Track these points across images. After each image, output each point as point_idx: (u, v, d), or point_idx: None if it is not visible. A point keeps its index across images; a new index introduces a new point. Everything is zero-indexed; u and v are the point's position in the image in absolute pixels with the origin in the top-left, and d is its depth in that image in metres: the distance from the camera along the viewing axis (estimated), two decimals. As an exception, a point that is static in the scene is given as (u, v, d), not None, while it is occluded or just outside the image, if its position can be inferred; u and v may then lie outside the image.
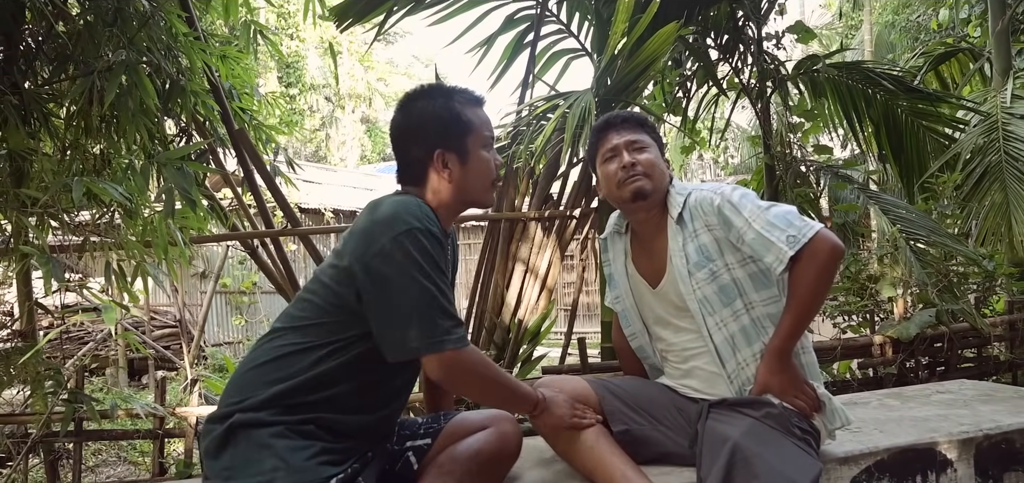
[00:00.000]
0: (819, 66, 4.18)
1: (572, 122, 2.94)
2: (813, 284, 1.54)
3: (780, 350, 1.58)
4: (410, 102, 1.53)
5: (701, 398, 1.68)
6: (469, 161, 1.49)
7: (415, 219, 1.36)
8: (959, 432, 1.85)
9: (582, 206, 3.68)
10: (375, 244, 1.34)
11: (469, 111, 1.52)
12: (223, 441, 1.34)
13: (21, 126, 2.75)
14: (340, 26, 3.35)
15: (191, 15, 3.38)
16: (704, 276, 1.65)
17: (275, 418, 1.35)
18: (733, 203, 1.62)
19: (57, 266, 2.17)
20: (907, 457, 1.77)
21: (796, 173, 4.06)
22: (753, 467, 1.44)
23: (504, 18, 3.79)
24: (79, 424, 2.55)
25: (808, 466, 1.48)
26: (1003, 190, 4.06)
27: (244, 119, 3.88)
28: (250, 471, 1.29)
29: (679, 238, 1.69)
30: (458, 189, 1.50)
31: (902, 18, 11.93)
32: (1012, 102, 4.35)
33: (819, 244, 1.52)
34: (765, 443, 1.48)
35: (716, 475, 1.46)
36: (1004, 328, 3.48)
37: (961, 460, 1.83)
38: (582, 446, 1.59)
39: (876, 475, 1.74)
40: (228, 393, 1.41)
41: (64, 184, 2.36)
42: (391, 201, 1.43)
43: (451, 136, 1.48)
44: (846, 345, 3.09)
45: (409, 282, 1.32)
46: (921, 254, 3.42)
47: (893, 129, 4.33)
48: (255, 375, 1.40)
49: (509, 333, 3.64)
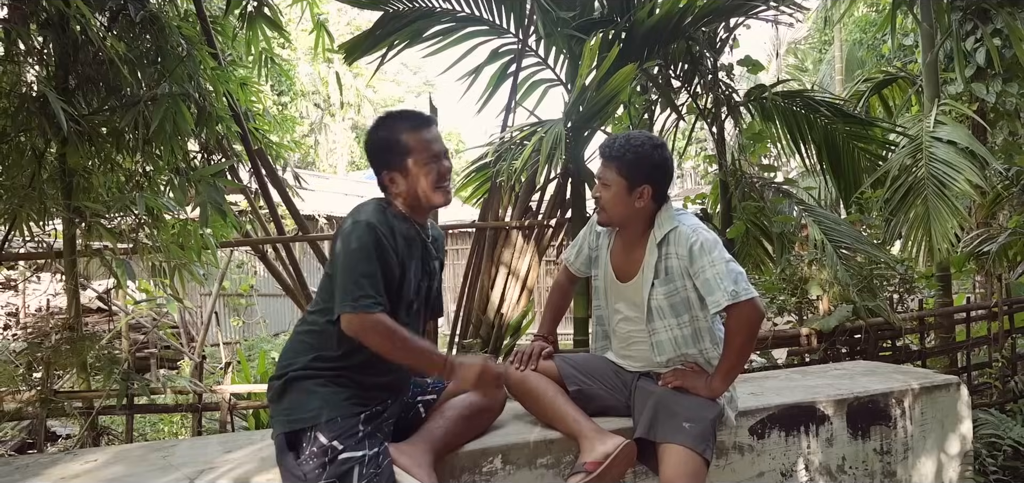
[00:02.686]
0: (767, 94, 4.76)
1: (546, 145, 3.48)
2: (743, 342, 2.00)
3: (715, 390, 2.05)
4: (369, 132, 2.03)
5: (634, 370, 2.23)
6: (409, 176, 1.94)
7: (364, 216, 1.85)
8: (836, 395, 2.41)
9: (557, 216, 4.23)
10: (340, 233, 1.87)
11: (409, 135, 1.95)
12: (282, 391, 1.86)
13: (79, 147, 3.24)
14: (349, 61, 3.87)
15: (216, 50, 3.88)
16: (663, 291, 2.11)
17: (316, 373, 1.87)
18: (704, 247, 2.02)
19: (128, 266, 2.67)
20: (792, 412, 2.32)
21: (745, 187, 4.63)
22: (671, 408, 2.00)
23: (490, 51, 4.32)
24: (131, 399, 3.05)
25: (711, 407, 2.03)
26: (924, 204, 4.65)
27: (259, 138, 4.38)
28: (303, 409, 1.81)
29: (654, 256, 2.13)
30: (408, 197, 1.96)
31: (868, 36, 12.69)
32: (935, 126, 4.95)
33: (748, 309, 1.95)
34: (678, 397, 2.04)
35: (645, 417, 2.02)
36: (915, 323, 4.06)
37: (836, 416, 2.39)
38: (545, 400, 2.13)
39: (768, 425, 2.29)
40: (283, 358, 1.93)
41: (129, 198, 2.84)
42: (360, 204, 1.93)
43: (392, 159, 1.95)
44: (777, 335, 3.65)
45: (343, 258, 1.81)
46: (846, 259, 3.99)
47: (832, 149, 4.92)
48: (299, 345, 1.93)
49: (493, 327, 4.16)
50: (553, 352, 2.27)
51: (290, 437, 1.81)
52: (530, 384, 2.15)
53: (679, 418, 1.99)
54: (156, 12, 3.44)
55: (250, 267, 10.13)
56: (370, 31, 3.93)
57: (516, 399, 2.22)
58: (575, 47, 4.07)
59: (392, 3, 3.89)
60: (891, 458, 2.46)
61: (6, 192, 3.28)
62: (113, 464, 1.95)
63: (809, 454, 2.34)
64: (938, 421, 2.54)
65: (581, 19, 3.99)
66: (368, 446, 1.79)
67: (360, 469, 1.74)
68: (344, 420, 1.80)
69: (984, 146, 6.57)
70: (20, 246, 3.89)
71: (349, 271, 1.79)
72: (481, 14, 4.04)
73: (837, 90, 12.08)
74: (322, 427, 1.78)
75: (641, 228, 2.16)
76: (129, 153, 3.55)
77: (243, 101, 4.28)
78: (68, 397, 2.99)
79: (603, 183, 2.13)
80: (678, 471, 1.89)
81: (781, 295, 3.83)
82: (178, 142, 3.44)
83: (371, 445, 1.79)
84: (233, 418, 3.12)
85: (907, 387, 2.50)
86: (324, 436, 1.77)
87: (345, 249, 1.82)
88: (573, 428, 2.04)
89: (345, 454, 1.75)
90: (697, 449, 1.92)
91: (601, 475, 1.90)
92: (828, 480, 2.37)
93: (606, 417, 2.18)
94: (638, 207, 2.11)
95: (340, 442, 1.77)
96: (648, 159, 2.10)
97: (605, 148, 2.15)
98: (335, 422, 1.79)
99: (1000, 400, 4.10)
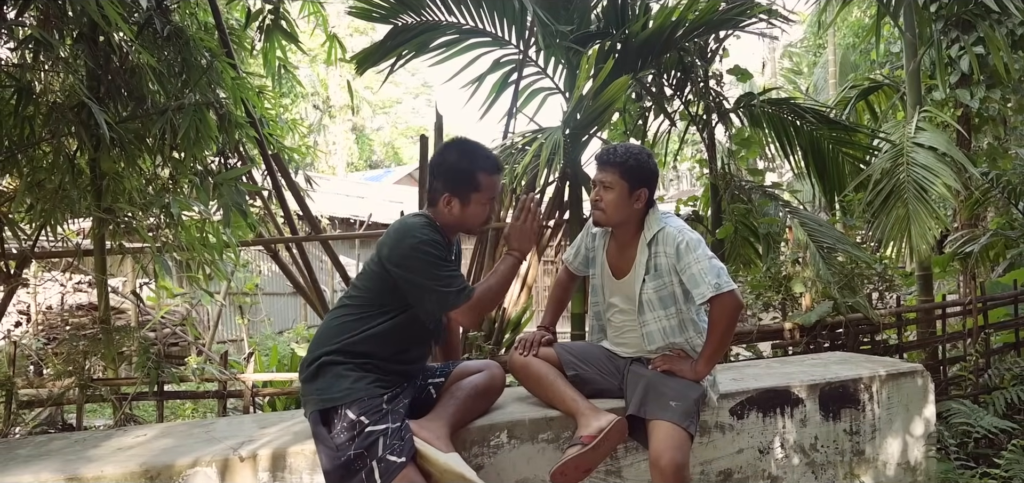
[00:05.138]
0: (755, 101, 5.01)
1: (546, 151, 3.72)
2: (724, 329, 2.25)
3: (699, 372, 2.29)
4: (448, 150, 2.28)
5: (627, 356, 2.47)
6: (468, 208, 2.22)
7: (420, 231, 2.11)
8: (809, 380, 2.66)
9: (556, 218, 4.47)
10: (397, 250, 2.11)
11: (482, 176, 2.21)
12: (315, 373, 2.11)
13: (110, 152, 3.48)
14: (360, 71, 4.11)
15: (234, 61, 4.12)
16: (653, 286, 2.37)
17: (346, 359, 2.11)
18: (689, 246, 2.27)
19: (164, 261, 2.91)
20: (769, 395, 2.57)
21: (734, 190, 4.88)
22: (659, 389, 2.24)
23: (492, 61, 4.56)
24: (161, 386, 3.29)
25: (695, 388, 2.28)
26: (905, 206, 4.90)
27: (274, 143, 4.62)
28: (333, 390, 2.06)
29: (645, 255, 2.39)
30: (455, 221, 2.24)
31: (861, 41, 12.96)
32: (916, 132, 5.20)
33: (729, 299, 2.20)
34: (665, 379, 2.29)
35: (636, 397, 2.27)
36: (893, 318, 4.31)
37: (809, 399, 2.63)
38: (546, 382, 2.37)
39: (747, 407, 2.54)
40: (315, 343, 2.17)
41: (159, 201, 3.08)
42: (408, 221, 2.19)
43: (461, 188, 2.20)
44: (762, 329, 3.90)
45: (423, 273, 2.08)
46: (828, 259, 4.24)
47: (817, 154, 5.17)
48: (331, 333, 2.17)
49: (495, 322, 4.41)
50: (553, 340, 2.52)
51: (323, 414, 2.05)
52: (532, 368, 2.40)
53: (666, 398, 2.23)
54: (180, 26, 3.68)
55: (255, 267, 10.37)
56: (380, 42, 4.17)
57: (520, 381, 2.47)
58: (573, 58, 4.31)
59: (401, 17, 4.13)
60: (860, 438, 2.71)
61: (39, 193, 3.51)
62: (161, 438, 2.19)
63: (784, 433, 2.59)
64: (904, 405, 2.79)
65: (579, 32, 4.24)
66: (391, 421, 2.03)
67: (384, 440, 1.99)
68: (370, 399, 2.05)
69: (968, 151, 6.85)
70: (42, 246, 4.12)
71: (430, 280, 2.07)
72: (484, 27, 4.28)
73: (831, 94, 12.33)
74: (350, 405, 2.03)
75: (633, 229, 2.41)
76: (153, 158, 3.79)
77: (259, 108, 4.52)
78: (104, 384, 3.23)
79: (605, 186, 2.37)
80: (666, 444, 2.14)
81: (767, 292, 4.07)
82: (200, 148, 3.67)
83: (394, 420, 2.04)
84: (255, 404, 3.35)
85: (874, 374, 2.75)
86: (352, 413, 2.02)
87: (418, 263, 2.07)
88: (571, 407, 2.28)
89: (371, 427, 2.00)
90: (682, 424, 2.17)
91: (595, 447, 2.14)
92: (802, 457, 2.62)
93: (601, 398, 2.42)
94: (636, 209, 2.37)
95: (367, 417, 2.01)
96: (646, 166, 2.37)
97: (608, 155, 2.39)
98: (362, 401, 2.04)
99: (974, 392, 4.35)
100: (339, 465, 1.96)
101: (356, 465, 1.95)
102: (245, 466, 1.98)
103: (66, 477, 1.86)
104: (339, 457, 1.96)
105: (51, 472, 1.88)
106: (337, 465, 1.96)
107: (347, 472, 1.95)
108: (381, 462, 1.95)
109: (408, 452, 1.98)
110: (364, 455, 1.96)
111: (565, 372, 2.42)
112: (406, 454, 1.97)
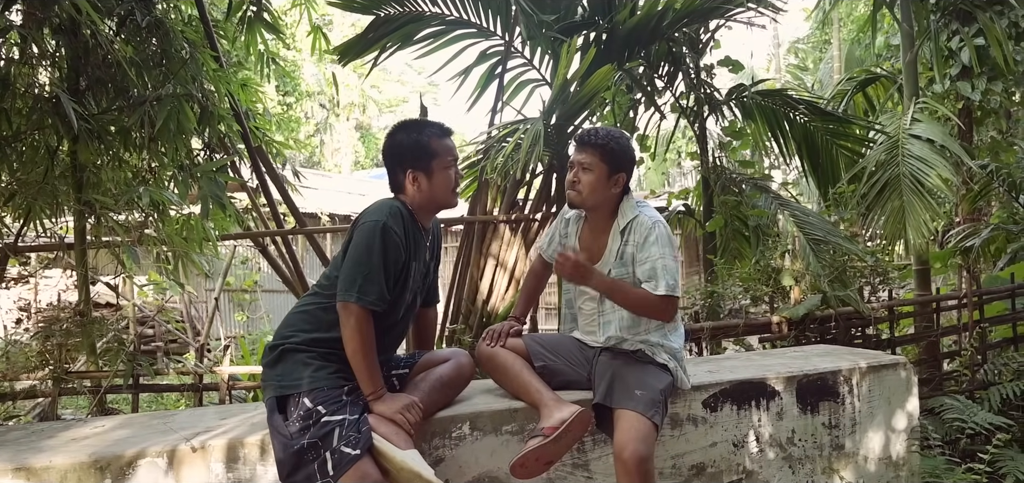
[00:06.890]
0: (747, 93, 4.94)
1: (526, 143, 3.67)
2: (648, 311, 2.24)
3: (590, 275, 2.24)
4: (394, 133, 2.25)
5: (596, 345, 2.42)
6: (433, 178, 2.19)
7: (385, 216, 2.07)
8: (786, 372, 2.60)
9: (543, 210, 4.42)
10: (360, 220, 2.08)
11: (435, 142, 2.20)
12: (277, 359, 2.07)
13: (89, 144, 3.46)
14: (343, 63, 4.08)
15: (218, 51, 4.09)
16: (617, 274, 2.33)
17: (309, 348, 2.07)
18: (659, 239, 2.25)
19: (134, 253, 2.89)
20: (744, 387, 2.51)
21: (725, 182, 4.81)
22: (626, 379, 2.19)
23: (478, 53, 4.52)
24: (136, 379, 3.27)
25: (662, 378, 2.23)
26: (900, 198, 4.82)
27: (259, 136, 4.60)
28: (293, 377, 2.02)
29: (616, 243, 2.35)
30: (426, 197, 2.20)
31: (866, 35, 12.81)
32: (912, 124, 5.11)
33: (673, 304, 2.23)
34: (632, 368, 2.25)
35: (603, 386, 2.22)
36: (886, 312, 4.23)
37: (786, 391, 2.57)
38: (511, 373, 2.32)
39: (721, 399, 2.48)
40: (281, 329, 2.14)
41: (134, 192, 3.06)
42: (378, 202, 2.15)
43: (418, 161, 2.17)
44: (749, 323, 3.82)
45: (355, 251, 2.03)
46: (819, 251, 4.17)
47: (811, 146, 5.10)
48: (297, 320, 2.14)
49: (482, 317, 4.36)
50: (521, 331, 2.47)
51: (280, 400, 2.01)
52: (499, 359, 2.35)
53: (632, 387, 2.18)
54: (161, 17, 3.66)
55: (254, 263, 10.37)
56: (362, 34, 4.14)
57: (486, 372, 2.42)
58: (558, 49, 4.25)
59: (383, 7, 4.10)
60: (839, 432, 2.65)
61: (21, 187, 3.50)
62: (119, 429, 2.16)
63: (760, 427, 2.53)
64: (885, 398, 2.72)
65: (563, 22, 4.19)
66: (349, 412, 1.98)
67: (340, 431, 1.94)
68: (330, 390, 2.01)
69: (970, 144, 6.74)
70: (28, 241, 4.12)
71: (358, 265, 2.02)
72: (468, 17, 4.25)
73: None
74: (308, 393, 1.99)
75: (607, 214, 2.37)
76: (135, 150, 3.77)
77: (244, 101, 4.49)
78: (79, 376, 3.21)
79: (584, 167, 2.32)
80: (630, 434, 2.08)
81: (756, 284, 4.00)
82: (182, 140, 3.65)
83: (352, 412, 1.99)
84: (231, 397, 3.33)
85: (855, 366, 2.68)
86: (309, 401, 1.98)
87: (359, 244, 2.04)
88: (535, 398, 2.23)
89: (326, 417, 1.95)
90: (647, 414, 2.11)
91: (557, 439, 2.09)
92: (778, 451, 2.56)
93: (569, 390, 2.37)
94: (613, 193, 2.34)
95: (323, 407, 1.97)
96: (628, 151, 2.36)
97: (588, 135, 2.35)
98: (322, 390, 2.00)
99: (970, 388, 4.26)
100: (292, 454, 1.91)
101: (309, 455, 1.91)
102: (197, 457, 1.94)
103: (14, 467, 1.83)
104: (292, 445, 1.92)
105: (1, 462, 1.85)
106: (289, 454, 1.92)
107: (299, 461, 1.91)
108: (335, 453, 1.90)
109: (364, 445, 1.93)
110: (318, 445, 1.91)
111: (533, 363, 2.37)
112: (362, 446, 1.92)
